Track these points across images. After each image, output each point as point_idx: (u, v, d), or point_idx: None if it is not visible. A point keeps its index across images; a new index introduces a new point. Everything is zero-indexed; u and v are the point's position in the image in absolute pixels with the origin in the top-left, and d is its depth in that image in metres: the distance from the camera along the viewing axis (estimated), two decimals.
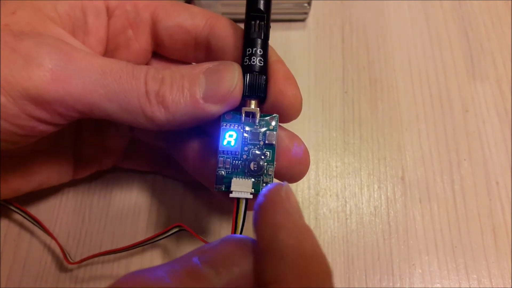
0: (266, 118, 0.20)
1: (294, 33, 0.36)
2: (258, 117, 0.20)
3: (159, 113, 0.18)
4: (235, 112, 0.20)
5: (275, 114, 0.20)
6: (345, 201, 0.29)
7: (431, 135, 0.32)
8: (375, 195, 0.30)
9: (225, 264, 0.15)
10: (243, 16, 0.21)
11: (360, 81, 0.34)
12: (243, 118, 0.20)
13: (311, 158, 0.31)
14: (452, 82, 0.34)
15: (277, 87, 0.20)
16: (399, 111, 0.33)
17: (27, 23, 0.18)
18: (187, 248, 0.27)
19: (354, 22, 0.36)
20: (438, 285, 0.27)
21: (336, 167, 0.31)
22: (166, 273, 0.14)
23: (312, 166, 0.31)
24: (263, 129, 0.20)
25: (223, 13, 0.34)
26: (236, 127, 0.20)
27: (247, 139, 0.20)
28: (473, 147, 0.31)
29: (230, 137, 0.20)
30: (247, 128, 0.20)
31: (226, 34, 0.21)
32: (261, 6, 0.20)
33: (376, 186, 0.30)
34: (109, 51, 0.23)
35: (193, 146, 0.23)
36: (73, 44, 0.19)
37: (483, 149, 0.31)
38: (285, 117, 0.21)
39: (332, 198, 0.30)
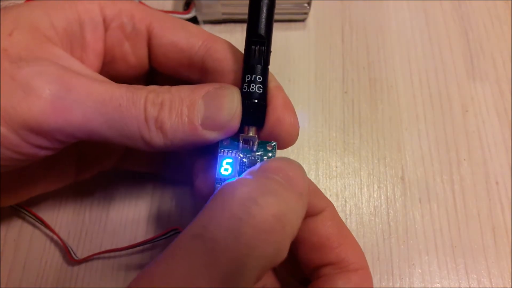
0: (264, 145, 0.20)
1: (294, 33, 0.36)
2: (256, 144, 0.20)
3: (157, 139, 0.19)
4: (233, 139, 0.20)
5: (273, 142, 0.20)
6: (345, 201, 0.30)
7: (431, 135, 0.32)
8: (375, 195, 0.30)
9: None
10: (243, 16, 0.20)
11: (360, 81, 0.34)
12: (241, 145, 0.20)
13: (311, 158, 0.31)
14: (452, 82, 0.34)
15: (276, 114, 0.20)
16: (399, 111, 0.33)
17: (25, 46, 0.18)
18: None
19: (354, 22, 0.36)
20: (438, 285, 0.27)
21: (336, 167, 0.31)
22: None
23: (312, 166, 0.31)
24: (261, 157, 0.20)
25: (223, 13, 0.34)
26: (233, 154, 0.20)
27: (244, 166, 0.20)
28: (473, 147, 0.31)
29: (227, 165, 0.20)
30: (244, 156, 0.20)
31: (223, 57, 0.21)
32: (262, 32, 0.19)
33: (376, 186, 0.30)
34: (105, 63, 0.22)
35: (199, 167, 0.23)
36: (72, 66, 0.19)
37: (483, 149, 0.31)
38: (281, 144, 0.21)
39: (332, 198, 0.30)
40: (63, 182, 0.26)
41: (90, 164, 0.27)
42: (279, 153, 0.21)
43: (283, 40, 0.35)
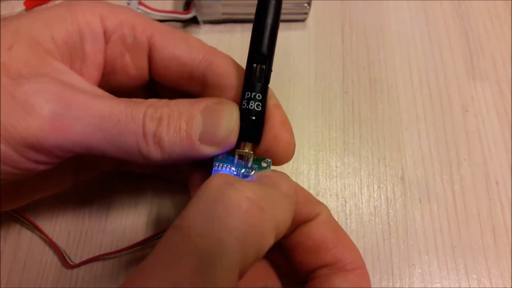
0: (259, 162, 0.20)
1: (294, 33, 0.36)
2: (251, 160, 0.20)
3: (155, 153, 0.19)
4: (229, 154, 0.20)
5: (268, 159, 0.20)
6: (345, 201, 0.30)
7: (431, 135, 0.32)
8: (375, 195, 0.30)
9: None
10: (243, 16, 0.20)
11: (360, 81, 0.34)
12: (236, 160, 0.20)
13: (311, 158, 0.31)
14: (452, 82, 0.34)
15: (273, 132, 0.20)
16: (399, 111, 0.33)
17: (24, 61, 0.18)
18: None
19: (354, 22, 0.36)
20: (438, 285, 0.27)
21: (336, 167, 0.31)
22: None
23: (312, 166, 0.31)
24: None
25: (223, 13, 0.34)
26: (228, 169, 0.20)
27: None
28: (473, 147, 0.31)
29: None
30: (238, 171, 0.20)
31: (224, 72, 0.21)
32: (265, 51, 0.19)
33: (376, 186, 0.30)
34: (105, 74, 0.22)
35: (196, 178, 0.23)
36: (71, 81, 0.19)
37: (483, 149, 0.31)
38: (277, 161, 0.21)
39: (332, 198, 0.30)
40: (61, 186, 0.26)
41: (89, 168, 0.27)
42: (274, 168, 0.21)
43: (283, 40, 0.35)
